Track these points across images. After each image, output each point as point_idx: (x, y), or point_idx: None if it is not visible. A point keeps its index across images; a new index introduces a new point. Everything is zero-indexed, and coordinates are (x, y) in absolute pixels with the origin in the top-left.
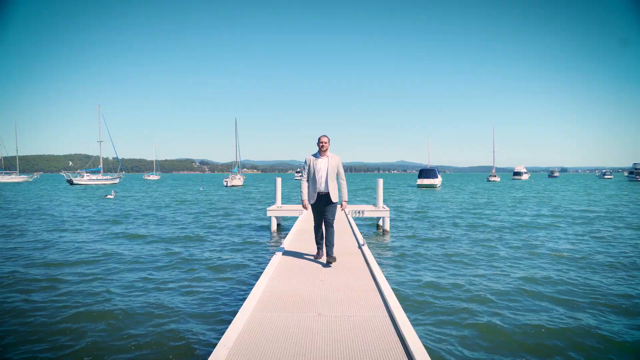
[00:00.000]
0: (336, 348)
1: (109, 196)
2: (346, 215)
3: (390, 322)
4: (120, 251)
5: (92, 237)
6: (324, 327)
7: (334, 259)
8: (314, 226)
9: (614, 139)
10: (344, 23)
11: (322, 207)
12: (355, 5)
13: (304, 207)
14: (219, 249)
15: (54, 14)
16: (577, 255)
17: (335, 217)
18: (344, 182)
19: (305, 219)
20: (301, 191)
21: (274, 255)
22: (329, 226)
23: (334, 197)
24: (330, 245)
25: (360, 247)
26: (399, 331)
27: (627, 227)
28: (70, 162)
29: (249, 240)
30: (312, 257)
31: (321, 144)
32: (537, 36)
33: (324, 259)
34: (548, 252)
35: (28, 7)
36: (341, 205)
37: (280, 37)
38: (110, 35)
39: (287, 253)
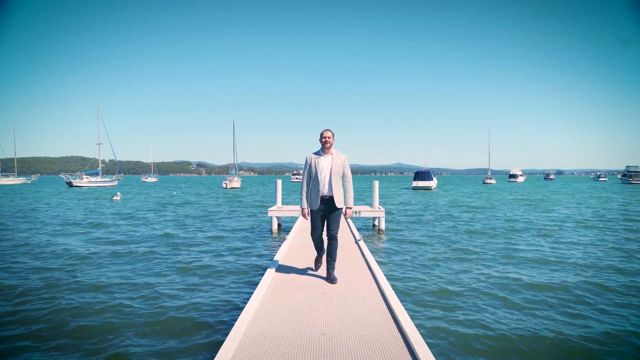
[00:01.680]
0: (337, 317)
1: (115, 198)
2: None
3: (382, 299)
4: (145, 248)
5: (115, 240)
6: (326, 302)
7: (335, 279)
8: (313, 238)
9: (611, 142)
10: (341, 26)
11: (325, 214)
12: (352, 7)
13: (304, 215)
14: (227, 246)
15: (52, 16)
16: (553, 259)
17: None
18: (349, 184)
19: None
20: (301, 197)
21: (279, 249)
22: (332, 238)
23: (339, 202)
24: (332, 260)
25: (357, 242)
26: (389, 305)
27: (607, 230)
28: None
29: (253, 238)
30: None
31: (324, 140)
32: (534, 37)
33: (323, 271)
34: (525, 254)
35: (26, 9)
36: (344, 212)
37: (277, 39)
38: (107, 37)
39: (291, 248)
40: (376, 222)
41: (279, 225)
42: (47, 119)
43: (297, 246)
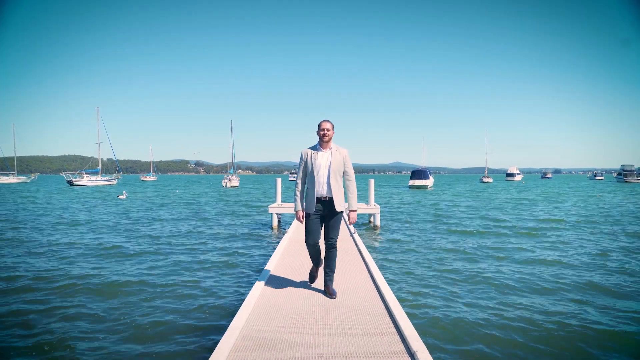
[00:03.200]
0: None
1: (122, 197)
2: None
3: (372, 284)
4: (156, 245)
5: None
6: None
7: (335, 293)
8: (309, 246)
9: (610, 141)
10: (339, 25)
11: (323, 218)
12: (351, 7)
13: (298, 219)
14: (233, 240)
15: (52, 16)
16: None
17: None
18: (352, 184)
19: None
20: (295, 197)
21: (281, 242)
22: (331, 247)
23: (339, 205)
24: (330, 272)
25: (351, 235)
26: (378, 288)
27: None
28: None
29: (255, 233)
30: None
31: (322, 132)
32: (534, 37)
33: (320, 281)
34: (510, 250)
35: (26, 9)
36: (348, 216)
37: (275, 38)
38: (107, 37)
39: (291, 241)
40: (372, 219)
41: (279, 221)
42: (45, 118)
43: (296, 240)
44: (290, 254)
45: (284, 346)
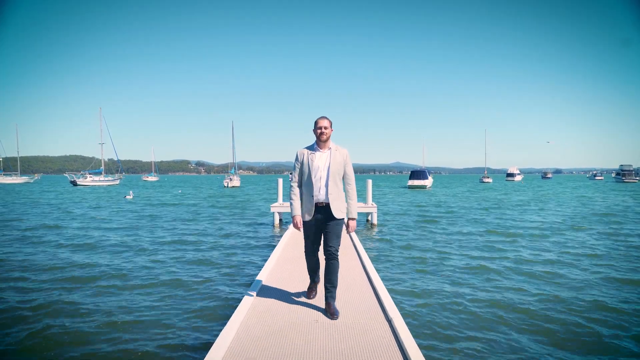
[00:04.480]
0: None
1: (128, 197)
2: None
3: (365, 276)
4: (158, 240)
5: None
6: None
7: (337, 313)
8: (307, 256)
9: (610, 141)
10: (340, 25)
11: (320, 226)
12: (350, 6)
13: (295, 226)
14: (235, 237)
15: (52, 16)
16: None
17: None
18: (353, 188)
19: None
20: (290, 202)
21: (282, 237)
22: (331, 258)
23: (338, 212)
24: (332, 287)
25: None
26: (368, 274)
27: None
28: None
29: (258, 230)
30: None
31: (320, 131)
32: (534, 37)
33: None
34: (499, 249)
35: (26, 9)
36: (346, 225)
37: (275, 38)
38: (107, 37)
39: (291, 237)
40: (369, 217)
41: (280, 220)
42: (46, 118)
43: (296, 236)
44: (290, 248)
45: (288, 313)
